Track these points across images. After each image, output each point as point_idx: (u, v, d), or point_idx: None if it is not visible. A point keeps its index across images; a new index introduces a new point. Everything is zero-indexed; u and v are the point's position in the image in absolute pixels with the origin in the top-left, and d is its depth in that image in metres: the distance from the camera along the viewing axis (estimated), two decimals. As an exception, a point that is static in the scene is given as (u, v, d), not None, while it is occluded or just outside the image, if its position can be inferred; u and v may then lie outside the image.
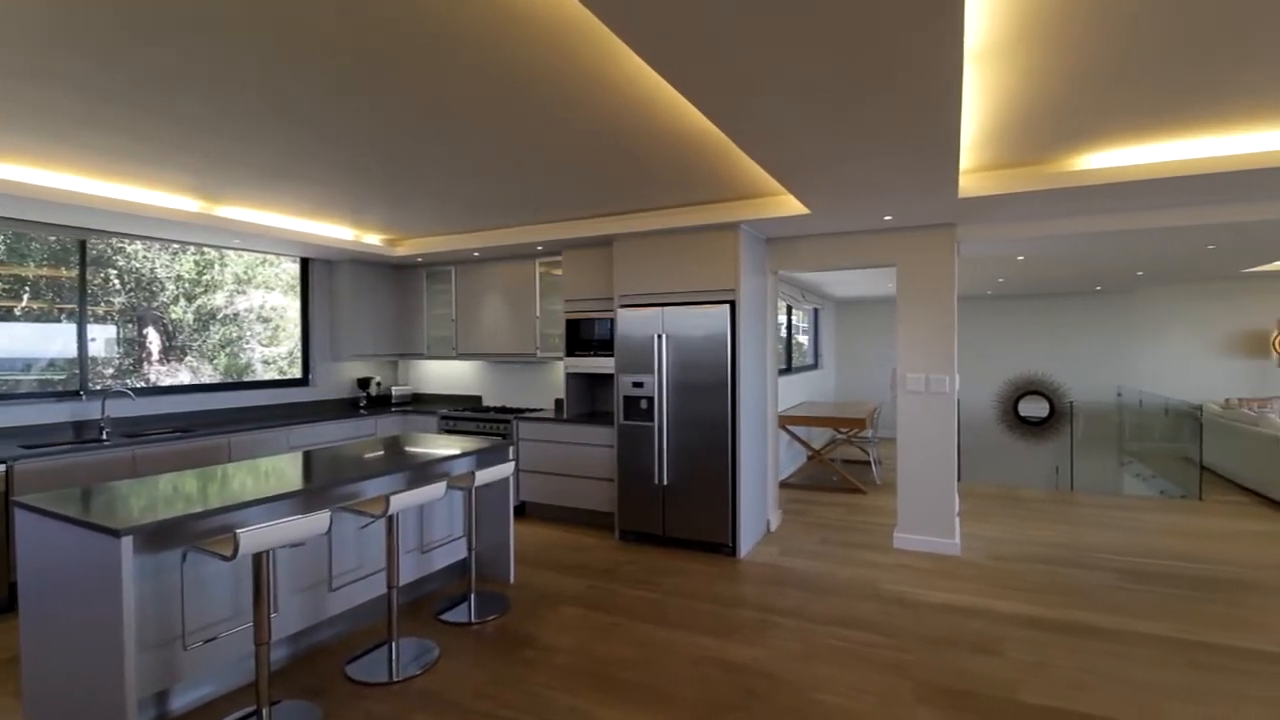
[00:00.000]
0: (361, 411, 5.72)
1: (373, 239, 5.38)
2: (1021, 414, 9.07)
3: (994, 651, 2.99)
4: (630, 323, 4.57)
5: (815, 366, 8.98)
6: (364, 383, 6.11)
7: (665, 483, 4.45)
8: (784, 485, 6.36)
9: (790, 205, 3.91)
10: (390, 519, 2.90)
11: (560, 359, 5.39)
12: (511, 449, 3.94)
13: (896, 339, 4.49)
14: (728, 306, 4.27)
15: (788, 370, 7.50)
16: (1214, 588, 3.72)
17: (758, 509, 4.67)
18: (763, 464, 4.77)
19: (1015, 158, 3.29)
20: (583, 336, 5.06)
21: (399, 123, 2.73)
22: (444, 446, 3.75)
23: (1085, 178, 3.30)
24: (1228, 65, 2.22)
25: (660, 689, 2.69)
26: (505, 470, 3.52)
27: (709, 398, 4.31)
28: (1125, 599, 3.57)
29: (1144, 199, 3.63)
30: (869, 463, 7.32)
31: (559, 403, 5.66)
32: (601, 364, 4.96)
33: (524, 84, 2.34)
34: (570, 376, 5.19)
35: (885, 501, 5.67)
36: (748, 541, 4.43)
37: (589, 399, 5.46)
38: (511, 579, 3.91)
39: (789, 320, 7.82)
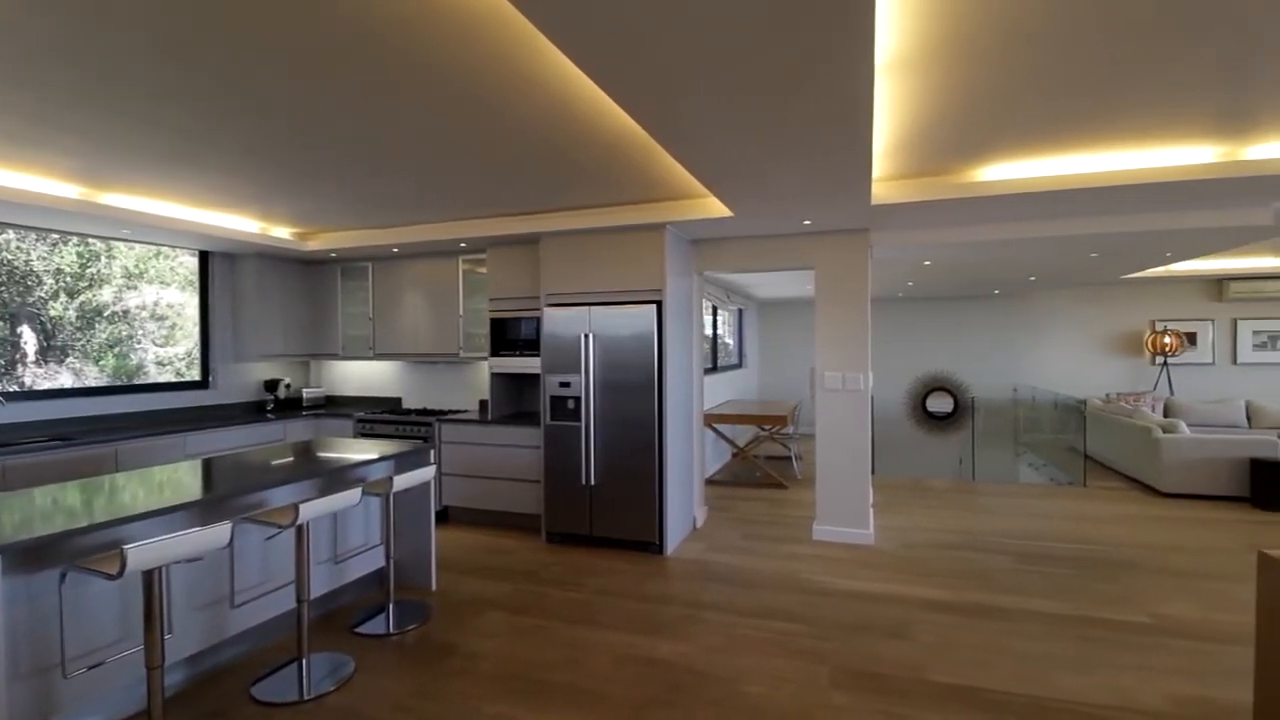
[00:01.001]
0: (269, 415, 5.40)
1: (281, 232, 5.08)
2: (929, 409, 9.63)
3: (904, 635, 3.15)
4: (557, 322, 4.53)
5: (740, 366, 9.19)
6: (272, 385, 5.77)
7: (592, 483, 4.44)
8: (710, 482, 6.47)
9: (715, 207, 3.98)
10: (300, 529, 2.75)
11: (485, 359, 5.27)
12: (433, 452, 3.82)
13: (815, 339, 4.66)
14: (654, 306, 4.30)
15: (713, 369, 7.65)
16: (1096, 566, 4.07)
17: (684, 506, 4.73)
18: (689, 462, 4.84)
19: (922, 168, 3.48)
20: (508, 336, 4.97)
21: (312, 109, 2.59)
22: (360, 451, 3.59)
23: (983, 189, 3.53)
24: (1110, 91, 2.43)
25: (587, 689, 2.68)
26: (426, 474, 3.41)
27: (636, 397, 4.33)
28: (1020, 580, 3.84)
29: (1035, 210, 3.92)
30: (790, 458, 7.57)
31: (483, 404, 5.54)
32: (528, 364, 4.89)
33: (448, 75, 2.27)
34: (495, 377, 5.09)
35: (805, 495, 5.87)
36: (674, 539, 4.48)
37: (515, 400, 5.37)
38: (433, 586, 3.79)
39: (714, 320, 7.97)
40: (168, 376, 5.24)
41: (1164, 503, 5.71)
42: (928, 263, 5.98)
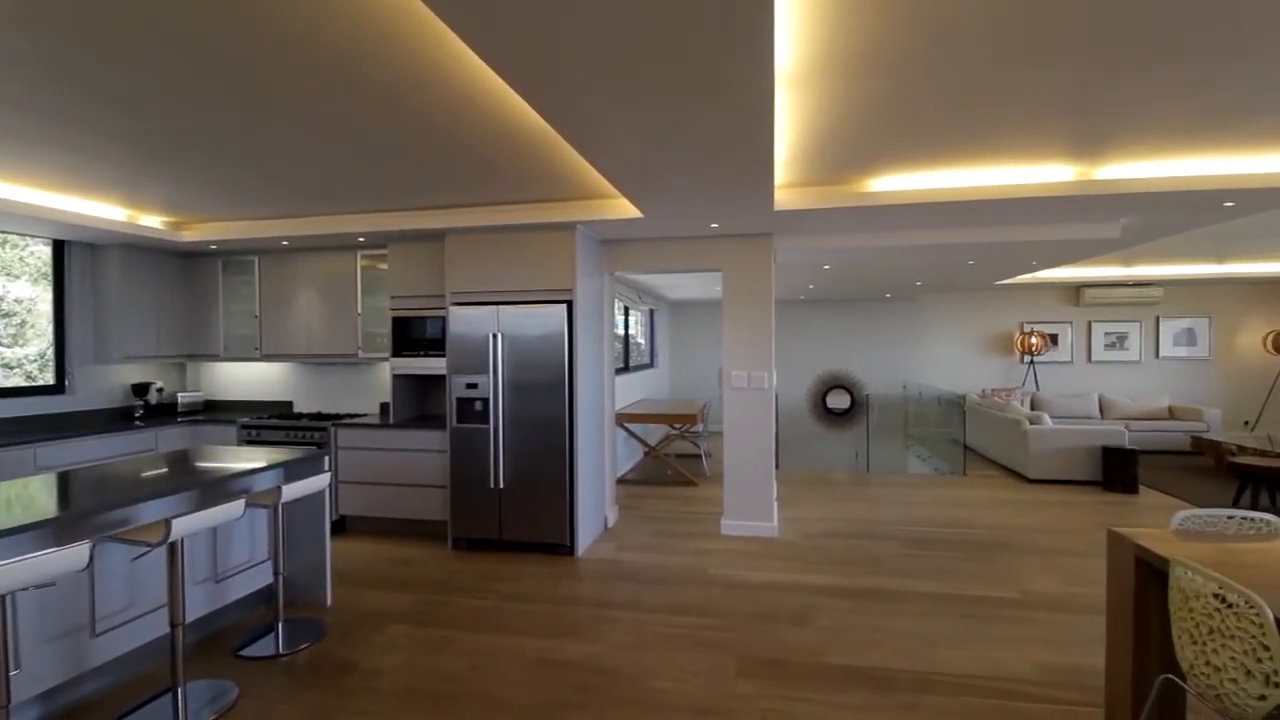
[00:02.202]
0: (137, 423, 4.90)
1: (152, 221, 4.63)
2: (829, 406, 10.14)
3: (805, 621, 3.29)
4: (464, 321, 4.39)
5: (651, 365, 9.30)
6: (141, 389, 5.24)
7: (502, 486, 4.34)
8: (621, 481, 6.50)
9: (625, 208, 4.00)
10: (172, 546, 2.51)
11: (386, 359, 5.04)
12: (328, 459, 3.60)
13: (723, 339, 4.79)
14: (565, 306, 4.27)
15: (625, 369, 7.69)
16: (973, 548, 4.43)
17: (596, 507, 4.72)
18: (600, 462, 4.84)
19: (822, 176, 3.65)
20: (411, 335, 4.77)
21: (189, 87, 2.37)
22: (243, 460, 3.33)
23: (876, 199, 3.75)
24: (985, 111, 2.65)
25: (494, 697, 2.62)
26: (319, 483, 3.21)
27: (547, 398, 4.28)
28: (908, 564, 4.12)
29: (921, 220, 4.21)
30: (700, 456, 7.74)
31: (385, 407, 5.29)
32: (432, 364, 4.71)
33: (348, 59, 2.14)
34: (397, 378, 4.87)
35: (714, 491, 6.02)
36: (586, 539, 4.46)
37: (419, 402, 5.17)
38: (328, 601, 3.57)
39: (626, 321, 8.02)
40: (17, 380, 4.65)
41: (1031, 488, 6.30)
42: (827, 267, 6.29)
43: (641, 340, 9.10)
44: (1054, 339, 9.25)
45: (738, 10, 1.61)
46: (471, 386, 4.37)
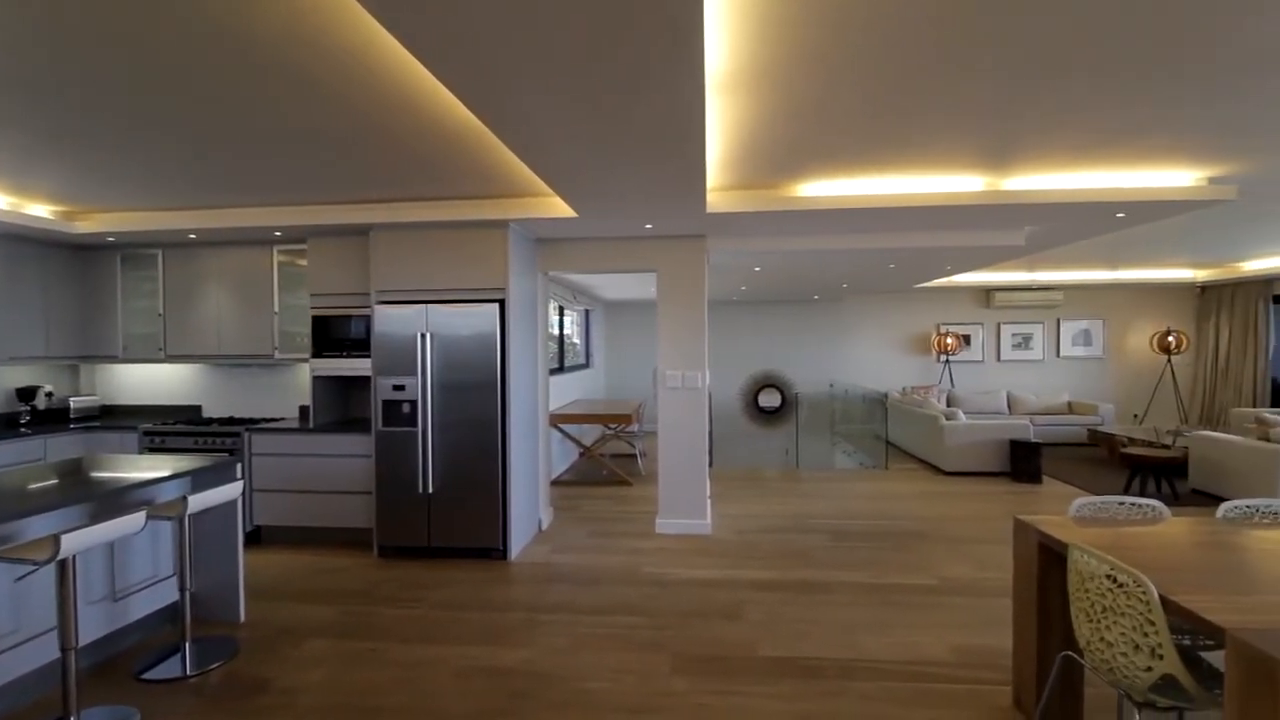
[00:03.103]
0: (23, 430, 4.48)
1: (40, 210, 4.24)
2: (760, 405, 10.39)
3: (737, 616, 3.36)
4: (390, 320, 4.24)
5: (587, 366, 9.26)
6: (27, 393, 4.78)
7: (431, 490, 4.21)
8: (556, 483, 6.45)
9: (559, 207, 3.96)
10: (63, 564, 2.31)
11: (305, 360, 4.79)
12: (240, 466, 3.39)
13: (658, 339, 4.82)
14: (497, 305, 4.18)
15: (560, 370, 7.63)
16: (894, 538, 4.63)
17: (529, 509, 4.66)
18: (534, 463, 4.77)
19: (753, 180, 3.73)
20: (333, 335, 4.56)
21: (84, 65, 2.18)
22: (145, 469, 3.10)
23: (804, 203, 3.87)
24: (903, 123, 2.77)
25: (423, 709, 2.53)
26: (230, 492, 3.02)
27: (478, 399, 4.18)
28: (835, 556, 4.27)
29: (846, 225, 4.37)
30: (635, 455, 7.77)
31: (304, 410, 5.03)
32: (356, 365, 4.52)
33: (261, 41, 2.02)
34: (318, 380, 4.64)
35: (649, 491, 6.05)
36: (519, 542, 4.39)
37: (341, 405, 4.95)
38: (242, 617, 3.37)
39: (561, 321, 7.95)
40: None
41: (946, 480, 6.66)
42: (758, 269, 6.44)
43: (577, 340, 9.05)
44: (967, 339, 9.81)
45: (668, 14, 1.62)
46: (398, 388, 4.22)
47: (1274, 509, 2.49)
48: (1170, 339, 9.03)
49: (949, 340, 9.56)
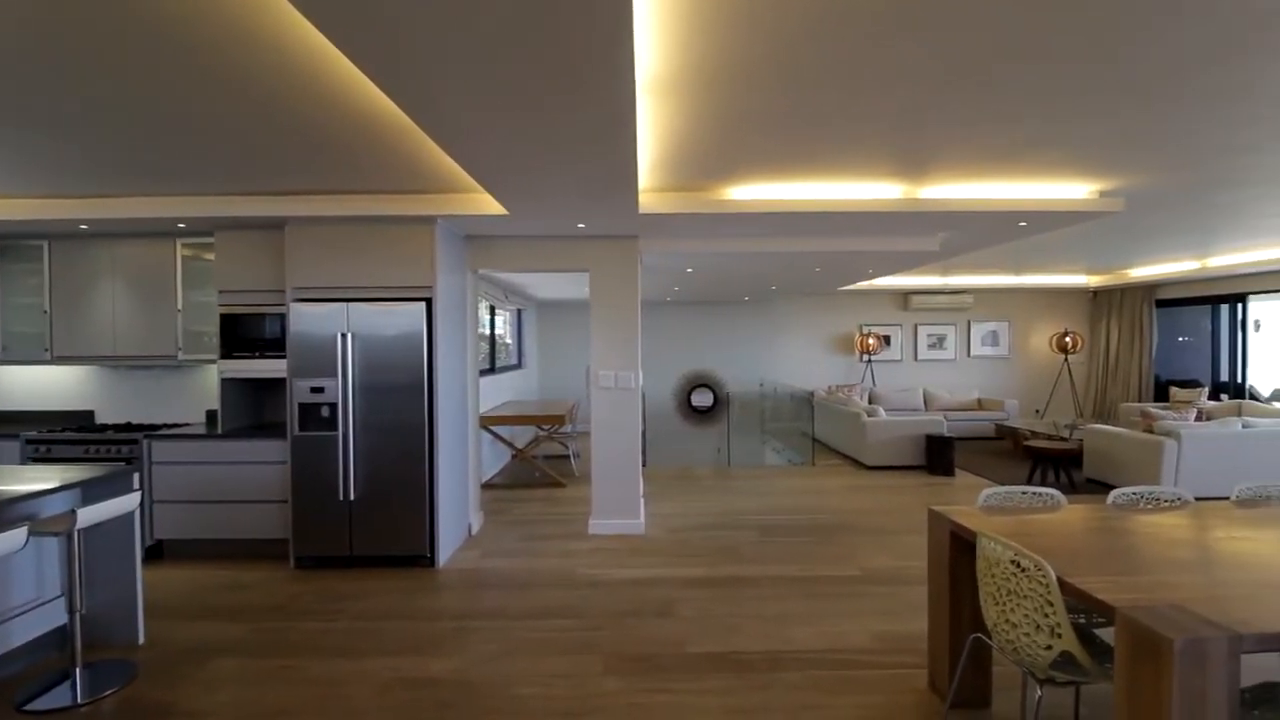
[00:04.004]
0: (-124, 441, 3.99)
1: (-106, 194, 3.78)
2: (693, 404, 10.54)
3: (669, 614, 3.38)
4: (308, 319, 4.02)
5: (519, 366, 9.12)
6: (-119, 399, 4.27)
7: (352, 497, 4.03)
8: (487, 486, 6.31)
9: (489, 204, 3.88)
10: (-79, 590, 2.06)
11: (213, 362, 4.49)
12: (138, 476, 3.14)
13: (590, 339, 4.79)
14: (424, 304, 4.05)
15: (491, 370, 7.47)
16: (821, 532, 4.79)
17: (459, 514, 4.53)
18: (464, 467, 4.65)
19: (684, 182, 3.76)
20: (244, 334, 4.29)
21: (-71, 33, 1.95)
22: (27, 480, 2.82)
23: (733, 206, 3.94)
24: (825, 129, 2.86)
25: (343, 727, 2.42)
26: (126, 504, 2.79)
27: (404, 401, 4.04)
28: (763, 550, 4.37)
29: (773, 228, 4.48)
30: (569, 456, 7.71)
31: (211, 415, 4.70)
32: (270, 367, 4.26)
33: (164, 16, 1.86)
34: (227, 383, 4.36)
35: (582, 491, 6.02)
36: (448, 549, 4.27)
37: (254, 409, 4.67)
38: (140, 639, 3.12)
39: (492, 320, 7.79)
40: None
41: (868, 474, 6.95)
42: (690, 270, 6.52)
43: (509, 340, 8.89)
44: (887, 340, 10.28)
45: (597, 11, 1.61)
46: (317, 390, 4.01)
47: (1156, 495, 2.72)
48: (1067, 340, 9.77)
49: (871, 341, 9.98)
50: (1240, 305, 8.36)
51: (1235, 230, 5.50)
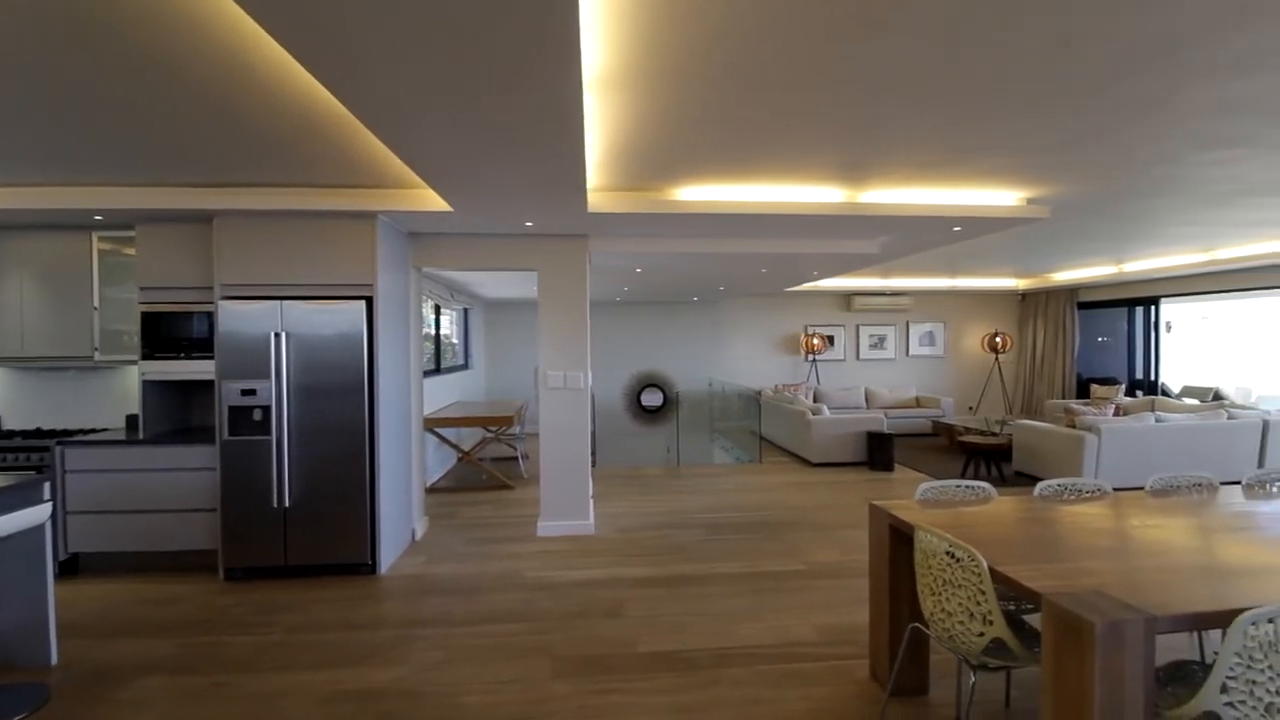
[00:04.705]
0: None
1: None
2: (643, 404, 10.56)
3: (618, 614, 3.37)
4: (238, 318, 3.83)
5: (465, 366, 8.93)
6: None
7: (287, 504, 3.86)
8: (432, 490, 6.16)
9: (433, 200, 3.78)
10: None
11: (134, 363, 4.23)
12: (48, 486, 2.92)
13: (539, 339, 4.73)
14: (364, 303, 3.92)
15: (436, 371, 7.30)
16: (768, 529, 4.87)
17: (401, 519, 4.40)
18: (407, 470, 4.52)
19: (632, 182, 3.76)
20: (168, 334, 4.05)
21: None
22: (-84, 492, 2.58)
23: (681, 206, 3.96)
24: (769, 133, 2.90)
25: (277, 745, 2.31)
26: (34, 516, 2.60)
27: (343, 403, 3.89)
28: (711, 548, 4.41)
29: (720, 229, 4.53)
30: (517, 458, 7.61)
31: (132, 420, 4.43)
32: (197, 368, 4.04)
33: (48, -8, 1.74)
34: (149, 385, 4.11)
35: (531, 493, 5.94)
36: (390, 555, 4.14)
37: (179, 412, 4.42)
38: (53, 659, 2.90)
39: (437, 320, 7.61)
40: None
41: (813, 471, 7.11)
42: (639, 270, 6.52)
43: (455, 340, 8.71)
44: (831, 340, 10.56)
45: (543, 5, 1.58)
46: (248, 393, 3.83)
47: (1078, 486, 2.87)
48: (997, 340, 10.26)
49: (815, 341, 10.23)
50: (1153, 308, 8.96)
51: (1149, 237, 5.88)
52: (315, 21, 1.67)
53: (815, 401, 9.50)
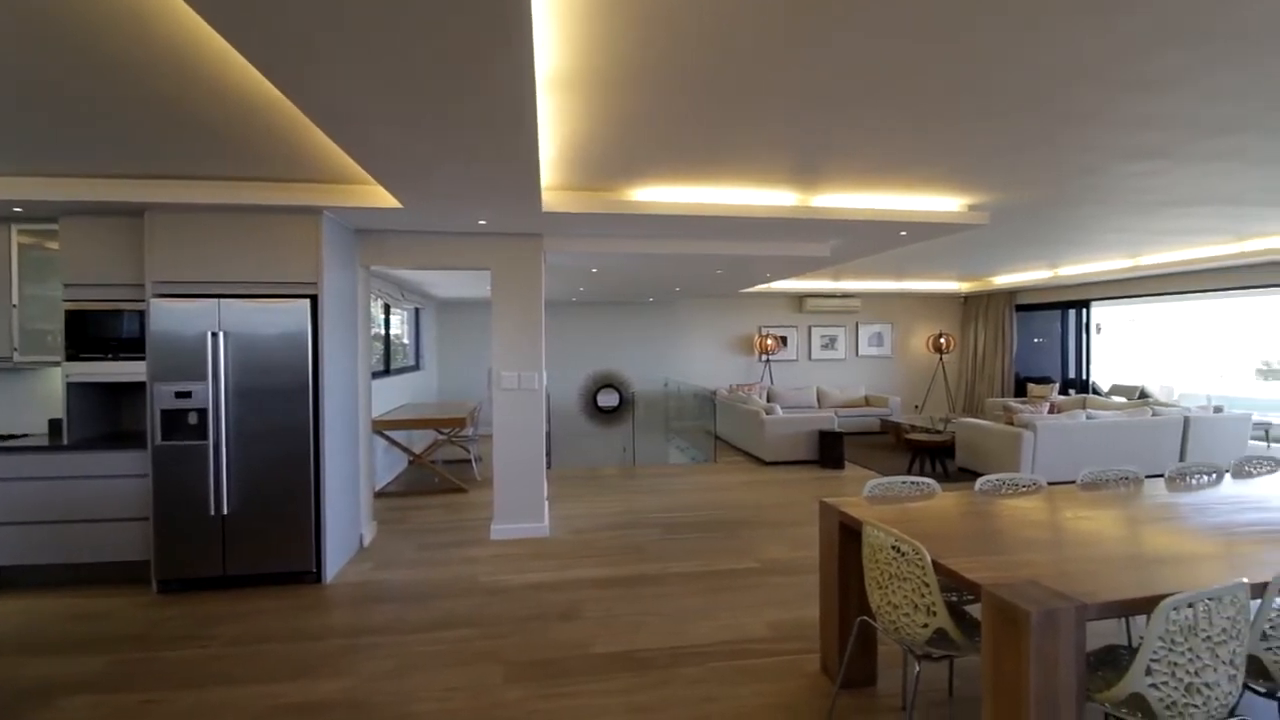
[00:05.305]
0: None
1: None
2: (599, 404, 10.53)
3: (574, 616, 3.35)
4: (172, 317, 3.65)
5: (417, 367, 8.74)
6: None
7: (225, 511, 3.69)
8: (381, 495, 6.00)
9: (381, 197, 3.68)
10: None
11: (58, 364, 3.98)
12: (-41, 495, 2.72)
13: (492, 340, 4.66)
14: (309, 301, 3.79)
15: (386, 372, 7.11)
16: (723, 527, 4.92)
17: (348, 525, 4.27)
18: (354, 475, 4.39)
19: (588, 182, 3.74)
20: (95, 334, 3.83)
21: None
22: None
23: (636, 207, 3.96)
24: (721, 136, 2.93)
25: (213, 764, 2.21)
26: (-58, 527, 2.41)
27: (286, 406, 3.75)
28: (666, 548, 4.43)
29: (676, 230, 4.55)
30: (470, 460, 7.48)
31: (56, 424, 4.17)
32: (126, 369, 3.83)
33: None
34: (75, 388, 3.87)
35: (485, 496, 5.86)
36: (336, 562, 4.01)
37: (107, 416, 4.18)
38: (-37, 682, 2.71)
39: (387, 320, 7.42)
40: None
41: (767, 470, 7.23)
42: (595, 270, 6.50)
43: (406, 340, 8.51)
44: (784, 340, 10.75)
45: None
46: (183, 395, 3.65)
47: (1016, 481, 3.00)
48: (942, 341, 10.65)
49: (769, 341, 10.40)
50: (1085, 310, 9.43)
51: (1081, 243, 6.19)
52: (257, 15, 1.60)
53: (769, 401, 9.65)
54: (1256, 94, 2.52)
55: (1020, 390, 10.22)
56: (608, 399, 10.51)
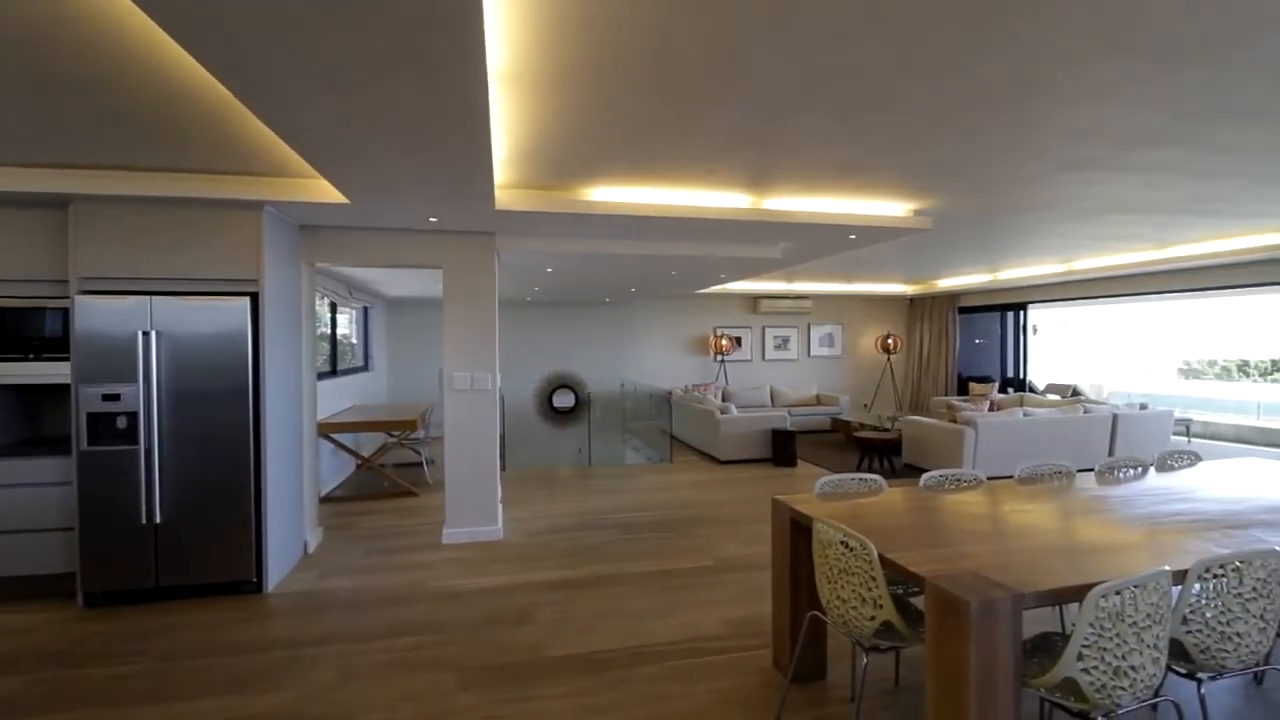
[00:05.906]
0: None
1: None
2: (555, 405, 10.45)
3: (528, 620, 3.31)
4: (99, 315, 3.44)
5: (365, 368, 8.50)
6: None
7: (158, 520, 3.51)
8: (328, 500, 5.81)
9: (327, 191, 3.56)
10: None
11: (-30, 365, 3.71)
12: None
13: (444, 340, 4.57)
14: (249, 300, 3.63)
15: (332, 373, 6.89)
16: (678, 526, 4.94)
17: (291, 532, 4.12)
18: (298, 479, 4.23)
19: (542, 180, 3.71)
20: (13, 333, 3.58)
21: None
22: None
23: (591, 207, 3.95)
24: (675, 138, 2.94)
25: (143, 786, 2.09)
26: None
27: (223, 408, 3.59)
28: (622, 548, 4.42)
29: (630, 230, 4.55)
30: (422, 463, 7.32)
31: (-31, 429, 3.90)
32: (48, 370, 3.60)
33: None
34: (-10, 390, 3.63)
35: (436, 500, 5.73)
36: (279, 571, 3.86)
37: (26, 421, 3.92)
38: None
39: (334, 319, 7.19)
40: None
41: (722, 468, 7.30)
42: (550, 270, 6.45)
43: (354, 340, 8.26)
44: (739, 341, 10.89)
45: (442, -11, 1.53)
46: (111, 398, 3.44)
47: (958, 477, 3.11)
48: (889, 341, 10.98)
49: (724, 342, 10.52)
50: (1022, 312, 9.86)
51: (1019, 248, 6.46)
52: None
53: (724, 401, 9.75)
54: (1181, 107, 2.67)
55: (963, 389, 10.61)
56: (563, 399, 10.44)
